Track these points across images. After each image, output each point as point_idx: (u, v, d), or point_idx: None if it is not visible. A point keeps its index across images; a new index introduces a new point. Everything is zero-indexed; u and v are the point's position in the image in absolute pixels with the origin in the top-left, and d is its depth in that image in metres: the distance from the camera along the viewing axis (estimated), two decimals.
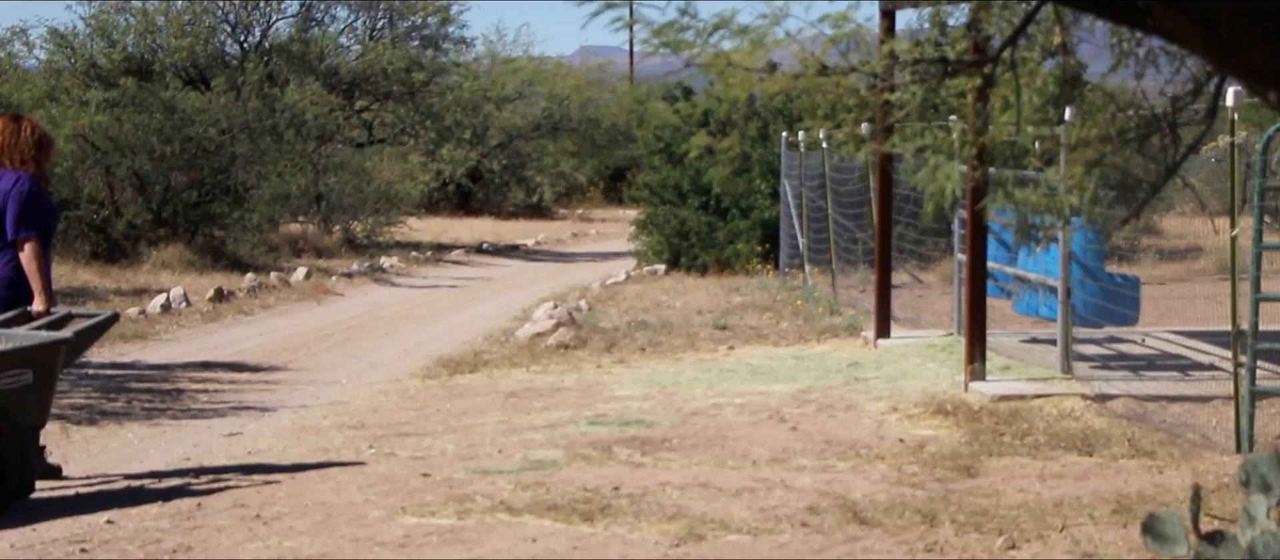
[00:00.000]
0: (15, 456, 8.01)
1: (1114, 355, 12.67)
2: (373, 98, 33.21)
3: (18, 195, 8.73)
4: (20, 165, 8.83)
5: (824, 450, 9.22)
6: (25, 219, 8.71)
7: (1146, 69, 6.17)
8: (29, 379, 8.07)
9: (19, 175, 8.79)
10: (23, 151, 8.83)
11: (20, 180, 8.78)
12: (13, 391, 8.00)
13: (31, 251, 8.71)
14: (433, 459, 9.27)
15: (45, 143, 8.97)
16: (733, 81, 5.74)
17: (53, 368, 8.26)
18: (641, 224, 25.46)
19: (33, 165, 8.84)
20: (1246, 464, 5.04)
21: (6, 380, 7.97)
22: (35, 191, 8.79)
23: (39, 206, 8.76)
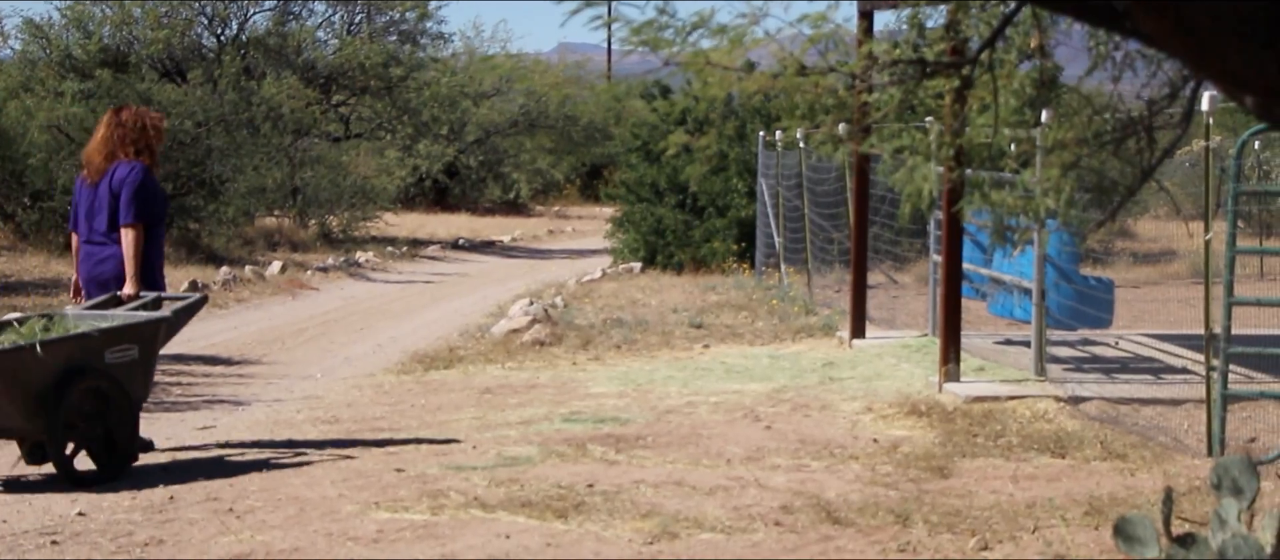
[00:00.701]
0: (125, 426, 8.61)
1: (1087, 358, 12.71)
2: (350, 92, 33.14)
3: (129, 184, 9.26)
4: (135, 156, 9.35)
5: (798, 449, 9.23)
6: (130, 208, 9.23)
7: (1123, 72, 6.20)
8: (135, 355, 8.68)
9: (133, 165, 9.32)
10: (136, 142, 9.37)
11: (134, 170, 9.31)
12: (122, 366, 8.60)
13: (132, 239, 9.23)
14: (406, 454, 9.26)
15: (151, 127, 9.46)
16: (711, 80, 5.74)
17: (155, 344, 8.89)
18: (618, 221, 25.46)
19: (147, 155, 9.40)
20: (1218, 467, 5.07)
21: (116, 355, 8.56)
22: (145, 181, 9.30)
23: (147, 196, 9.28)
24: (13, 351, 8.25)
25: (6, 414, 8.26)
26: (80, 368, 8.43)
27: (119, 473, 8.53)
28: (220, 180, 25.76)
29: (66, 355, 8.40)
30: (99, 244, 9.40)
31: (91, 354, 8.49)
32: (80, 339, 8.50)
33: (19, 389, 8.20)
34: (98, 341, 8.52)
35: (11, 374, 8.20)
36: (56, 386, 8.28)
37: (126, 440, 8.64)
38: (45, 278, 20.08)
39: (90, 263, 9.43)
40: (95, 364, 8.50)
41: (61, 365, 8.35)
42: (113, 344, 8.57)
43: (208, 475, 8.71)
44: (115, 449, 8.59)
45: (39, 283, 19.66)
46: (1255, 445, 9.13)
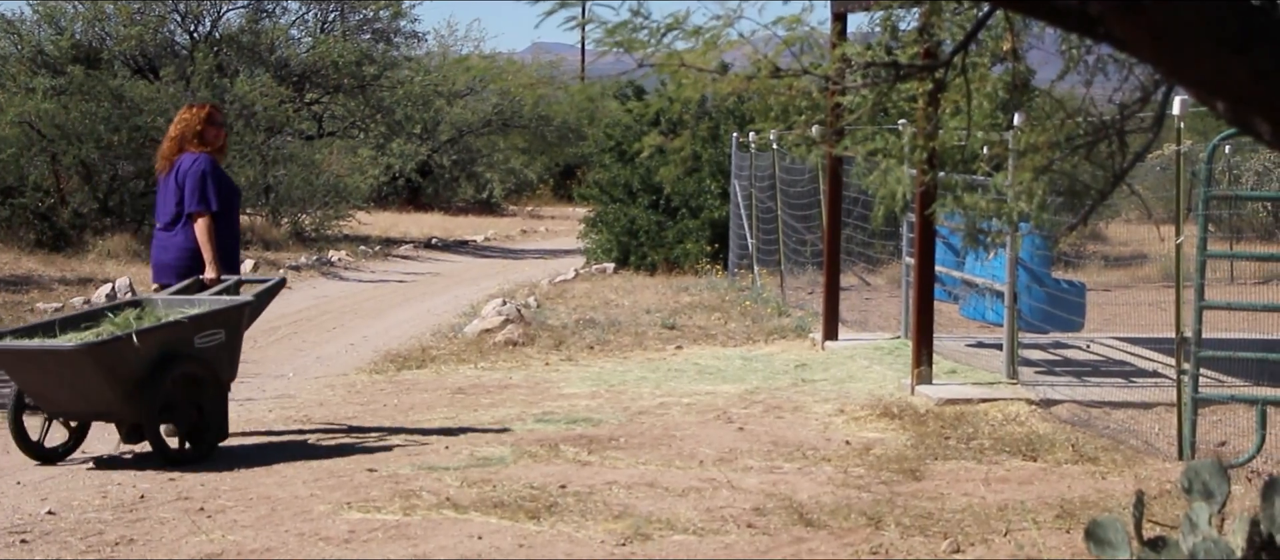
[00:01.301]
0: (215, 407, 9.07)
1: (1059, 361, 12.75)
2: (323, 90, 33.03)
3: (193, 174, 9.74)
4: (198, 147, 9.84)
5: (770, 451, 9.24)
6: (196, 196, 9.71)
7: (1095, 76, 6.21)
8: (222, 338, 9.15)
9: (197, 156, 9.81)
10: (201, 134, 9.88)
11: (197, 161, 9.79)
12: (211, 349, 9.06)
13: (204, 226, 9.72)
14: (379, 454, 9.23)
15: (213, 124, 9.95)
16: (685, 82, 5.74)
17: (240, 328, 9.36)
18: (591, 222, 25.45)
19: (208, 146, 9.87)
20: (1189, 471, 5.08)
21: (205, 339, 9.02)
22: (208, 170, 9.77)
23: (215, 184, 9.76)
24: (111, 343, 8.66)
25: (106, 400, 8.73)
26: (173, 354, 8.86)
27: (211, 451, 9.04)
28: None
29: (160, 343, 8.83)
30: (165, 232, 9.92)
31: (182, 340, 8.93)
32: (172, 327, 8.92)
33: (117, 377, 8.65)
34: (188, 328, 8.96)
35: (110, 363, 8.63)
36: (151, 373, 8.74)
37: (217, 420, 9.09)
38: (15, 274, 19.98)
39: (157, 250, 10.01)
40: (186, 350, 8.93)
41: (156, 353, 8.78)
42: (202, 329, 9.02)
43: (179, 474, 8.67)
44: (207, 429, 9.04)
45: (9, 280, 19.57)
46: (1226, 449, 9.16)
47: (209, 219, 9.73)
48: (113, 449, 9.36)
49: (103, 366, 8.62)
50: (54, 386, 8.80)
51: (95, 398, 8.76)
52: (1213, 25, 3.16)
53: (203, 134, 9.89)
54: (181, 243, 9.82)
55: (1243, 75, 3.22)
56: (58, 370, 8.70)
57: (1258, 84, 3.22)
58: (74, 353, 8.62)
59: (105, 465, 8.98)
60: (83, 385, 8.70)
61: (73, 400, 8.86)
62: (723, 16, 5.78)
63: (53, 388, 8.81)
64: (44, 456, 9.07)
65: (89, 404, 8.86)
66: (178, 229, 9.83)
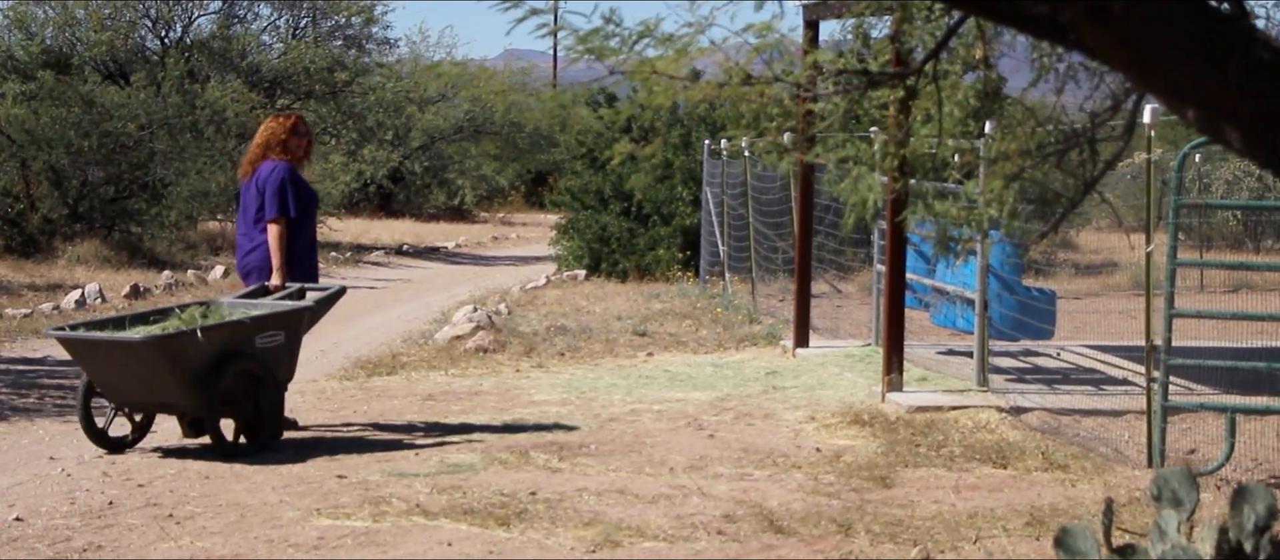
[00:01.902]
0: (273, 405, 9.47)
1: (1029, 368, 12.77)
2: (294, 96, 32.93)
3: (273, 181, 10.11)
4: (280, 156, 10.19)
5: (741, 458, 9.24)
6: (273, 203, 10.08)
7: (1066, 84, 6.23)
8: (282, 340, 9.54)
9: (276, 164, 10.15)
10: (284, 143, 10.24)
11: (276, 168, 10.14)
12: (271, 350, 9.46)
13: (276, 232, 10.07)
14: (348, 460, 9.20)
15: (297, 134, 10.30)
16: (657, 89, 5.74)
17: (299, 331, 9.73)
18: (562, 229, 25.42)
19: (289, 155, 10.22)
20: (1158, 478, 5.09)
21: (265, 339, 9.42)
22: (286, 179, 10.11)
23: (293, 192, 10.10)
24: (176, 336, 9.13)
25: (170, 391, 9.16)
26: (234, 351, 9.27)
27: (267, 446, 9.40)
28: (163, 184, 25.55)
29: (222, 339, 9.25)
30: (247, 236, 10.32)
31: (244, 339, 9.34)
32: (234, 325, 9.35)
33: (181, 369, 9.07)
34: (249, 328, 9.37)
35: (175, 356, 9.07)
36: (213, 367, 9.15)
37: (273, 416, 9.47)
38: None
39: (240, 253, 10.42)
40: (247, 348, 9.34)
41: (218, 349, 9.20)
42: (262, 330, 9.43)
43: (147, 481, 8.63)
44: (263, 424, 9.43)
45: None
46: (1195, 456, 9.19)
47: (282, 226, 10.08)
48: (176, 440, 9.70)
49: (168, 358, 9.05)
50: (122, 377, 9.24)
51: (159, 389, 9.20)
52: (1183, 34, 3.17)
53: (286, 143, 10.23)
54: (264, 246, 10.18)
55: (1213, 84, 3.22)
56: (126, 361, 9.13)
57: (1228, 92, 3.23)
58: (142, 344, 9.05)
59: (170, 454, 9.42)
60: (148, 376, 9.14)
61: (138, 391, 9.32)
62: (694, 24, 5.78)
63: (120, 378, 9.24)
64: (110, 445, 9.48)
65: (153, 395, 9.31)
66: (261, 234, 10.21)
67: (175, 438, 9.70)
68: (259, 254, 10.21)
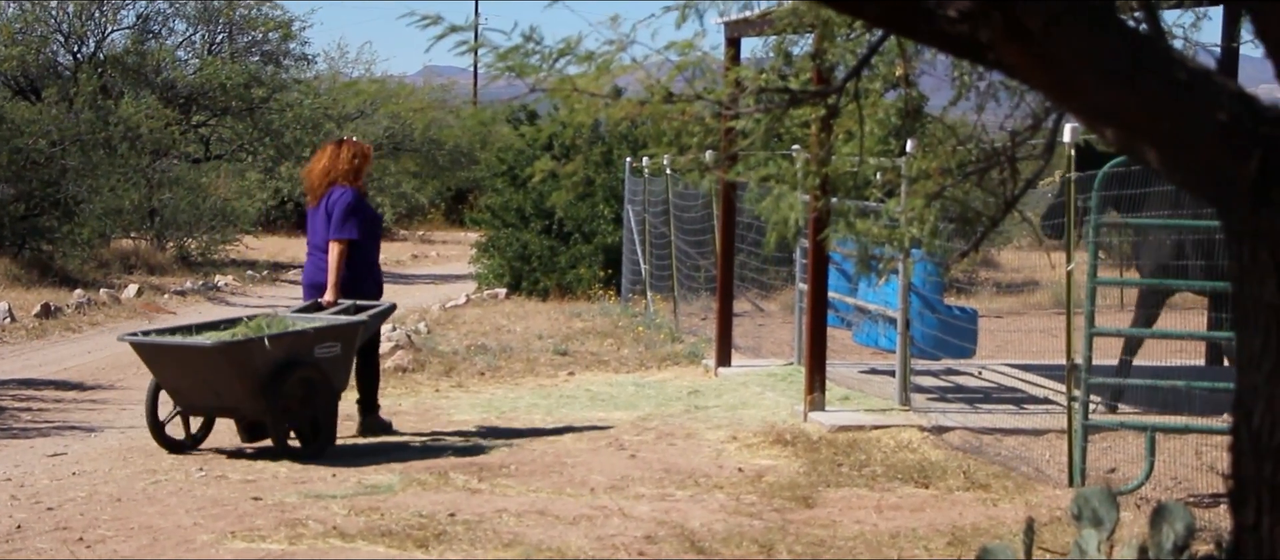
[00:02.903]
0: (328, 411, 9.96)
1: (951, 387, 12.81)
2: (211, 113, 32.65)
3: (340, 205, 10.71)
4: (346, 182, 10.80)
5: (662, 478, 9.18)
6: (340, 226, 10.69)
7: (987, 103, 6.24)
8: (339, 351, 10.04)
9: (345, 189, 10.78)
10: (346, 171, 10.84)
11: (345, 193, 10.76)
12: (328, 360, 9.94)
13: (337, 252, 10.68)
14: (264, 482, 9.07)
15: (363, 160, 10.93)
16: (578, 107, 5.69)
17: (353, 343, 10.21)
18: (483, 247, 25.31)
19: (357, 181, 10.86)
20: (1079, 498, 5.09)
21: (323, 350, 9.92)
22: (353, 203, 10.74)
23: (356, 216, 10.72)
24: (244, 343, 9.66)
25: (236, 395, 9.68)
26: (295, 360, 9.77)
27: (323, 450, 9.87)
28: (75, 201, 25.21)
29: (286, 348, 9.76)
30: (316, 255, 10.91)
31: (305, 348, 9.85)
32: (297, 336, 9.85)
33: (246, 375, 9.57)
34: (310, 338, 9.88)
35: (243, 362, 9.59)
36: (276, 374, 9.64)
37: (329, 423, 9.97)
38: None
39: (308, 271, 11.00)
40: (307, 357, 9.84)
41: (281, 357, 9.71)
42: (321, 341, 9.94)
43: (57, 504, 8.46)
44: (320, 429, 9.90)
45: None
46: (1115, 475, 9.23)
47: (343, 248, 10.66)
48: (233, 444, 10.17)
49: (235, 364, 9.58)
50: (189, 381, 9.79)
51: (225, 393, 9.72)
52: (1101, 54, 3.15)
53: (357, 171, 10.86)
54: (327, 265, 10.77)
55: (1131, 103, 3.21)
56: (195, 366, 9.68)
57: (1145, 112, 3.22)
58: (212, 350, 9.62)
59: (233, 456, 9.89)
60: (216, 381, 9.67)
61: (204, 395, 9.83)
62: (615, 41, 5.73)
63: (188, 382, 9.80)
64: (172, 446, 10.03)
65: (219, 399, 9.82)
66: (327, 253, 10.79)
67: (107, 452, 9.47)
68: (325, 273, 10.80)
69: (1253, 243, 3.21)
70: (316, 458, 9.75)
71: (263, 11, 34.32)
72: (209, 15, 33.62)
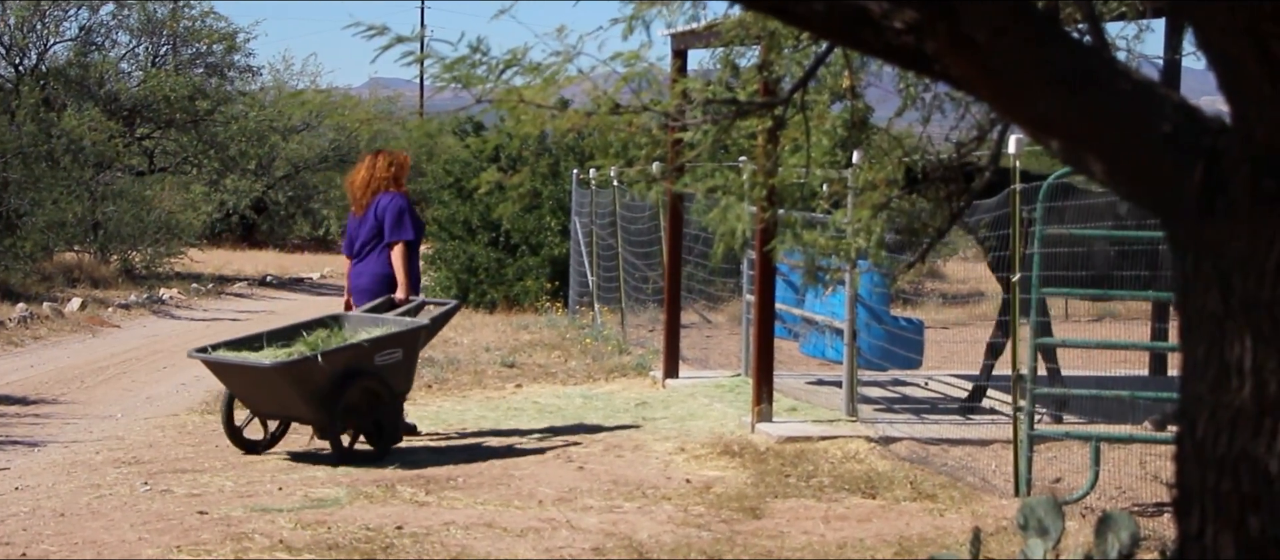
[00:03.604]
0: (391, 415, 10.32)
1: (898, 398, 12.85)
2: (155, 125, 32.43)
3: (392, 209, 11.20)
4: (390, 188, 11.27)
5: (610, 490, 9.17)
6: (397, 227, 11.18)
7: (933, 114, 6.26)
8: (400, 356, 10.40)
9: (393, 195, 11.26)
10: (386, 178, 11.29)
11: (396, 198, 11.25)
12: (389, 366, 10.32)
13: (401, 253, 11.18)
14: (210, 496, 9.00)
15: (400, 168, 11.40)
16: (524, 118, 5.68)
17: (416, 347, 10.66)
18: (430, 259, 25.24)
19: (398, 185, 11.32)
20: (1024, 507, 5.11)
21: (384, 357, 10.29)
22: (406, 207, 11.28)
23: (411, 218, 11.23)
24: (299, 362, 10.01)
25: (297, 407, 10.14)
26: (355, 370, 10.12)
27: (386, 452, 10.26)
28: (17, 214, 24.98)
29: (344, 361, 10.12)
30: (362, 261, 11.35)
31: (364, 359, 10.20)
32: (354, 349, 10.23)
33: (305, 388, 9.96)
34: (369, 349, 10.25)
35: (300, 378, 9.94)
36: (335, 385, 10.01)
37: (392, 425, 10.34)
38: None
39: (354, 276, 11.41)
40: (367, 366, 10.20)
41: (340, 369, 10.06)
42: (381, 349, 10.29)
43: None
44: (382, 432, 10.28)
45: None
46: (1060, 485, 9.28)
47: (405, 247, 11.18)
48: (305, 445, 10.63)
49: (292, 380, 9.96)
50: (256, 392, 10.29)
51: (287, 404, 10.20)
52: (1045, 65, 3.17)
53: (398, 178, 11.32)
54: (374, 269, 11.26)
55: (1075, 114, 3.23)
56: (257, 380, 10.13)
57: (1089, 123, 3.24)
58: (269, 369, 9.98)
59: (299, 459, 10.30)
60: (277, 393, 10.12)
61: (270, 404, 10.36)
62: (562, 53, 5.73)
63: (255, 393, 10.31)
64: (248, 447, 10.53)
65: (282, 408, 10.34)
66: (371, 258, 11.29)
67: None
68: (368, 278, 11.26)
69: (1196, 253, 3.23)
70: (381, 459, 10.14)
71: (207, 23, 34.11)
72: (152, 27, 33.39)
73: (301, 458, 10.41)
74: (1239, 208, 3.14)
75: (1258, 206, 3.12)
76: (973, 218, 10.29)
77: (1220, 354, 3.19)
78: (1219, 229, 3.17)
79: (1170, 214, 3.28)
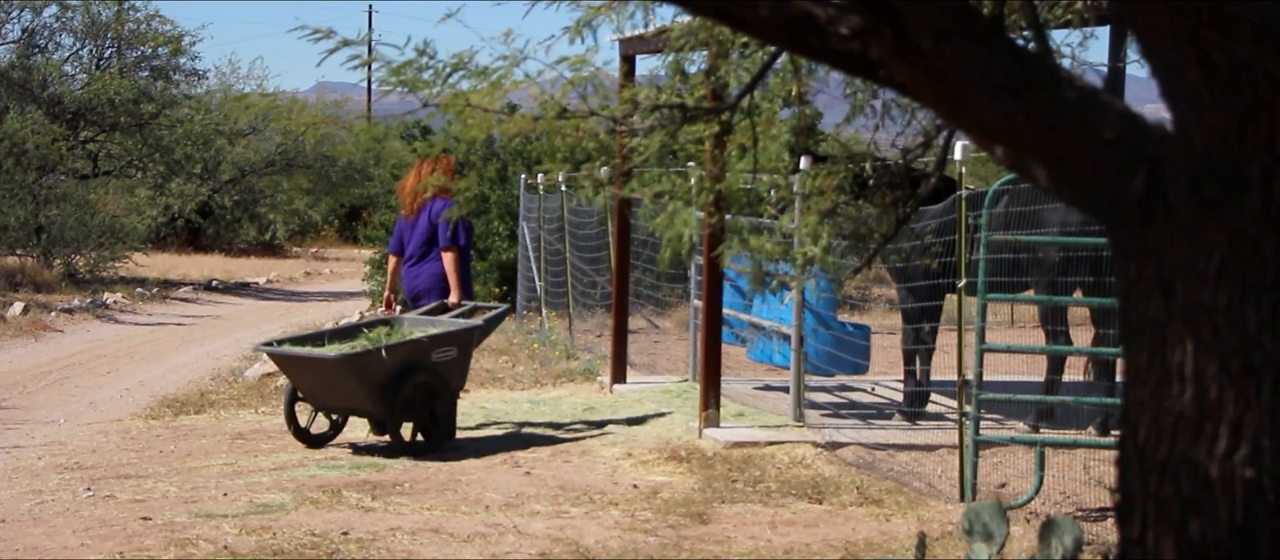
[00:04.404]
0: (446, 410, 10.86)
1: (845, 404, 12.89)
2: (99, 128, 32.17)
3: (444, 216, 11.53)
4: (443, 194, 11.45)
5: (557, 495, 9.16)
6: (450, 234, 11.62)
7: (880, 121, 6.29)
8: (455, 354, 10.91)
9: (446, 201, 11.41)
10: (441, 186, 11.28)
11: (446, 205, 11.36)
12: (445, 363, 10.84)
13: (452, 258, 11.64)
14: (154, 502, 8.94)
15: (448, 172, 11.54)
16: (471, 122, 5.67)
17: (470, 347, 11.15)
18: (377, 264, 25.14)
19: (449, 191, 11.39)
20: (970, 512, 5.14)
21: (440, 354, 10.78)
22: None
23: (463, 225, 11.64)
24: (364, 354, 10.52)
25: (358, 399, 10.62)
26: (413, 365, 10.62)
27: (441, 445, 10.76)
28: None
29: (403, 356, 10.60)
30: (416, 264, 11.80)
31: (422, 355, 10.70)
32: (413, 344, 10.72)
33: (367, 381, 10.45)
34: (427, 345, 10.76)
35: (363, 370, 10.44)
36: (396, 379, 10.50)
37: (447, 421, 10.86)
38: None
39: (410, 279, 11.85)
40: (424, 362, 10.70)
41: (399, 364, 10.54)
42: (438, 346, 10.78)
43: None
44: (438, 426, 10.80)
45: None
46: (1005, 490, 9.33)
47: (456, 253, 11.65)
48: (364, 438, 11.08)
49: (356, 372, 10.42)
50: (318, 385, 10.72)
51: (349, 397, 10.65)
52: (990, 71, 3.18)
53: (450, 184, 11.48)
54: (432, 271, 11.72)
55: (1020, 120, 3.24)
56: (322, 373, 10.57)
57: (1034, 129, 3.26)
58: (335, 360, 10.46)
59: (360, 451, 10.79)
60: (340, 386, 10.57)
61: (332, 397, 10.80)
62: (509, 57, 5.72)
63: (317, 386, 10.74)
64: (309, 441, 10.96)
65: (344, 401, 10.79)
66: (428, 260, 11.75)
67: None
68: (426, 278, 11.73)
69: (1139, 259, 3.26)
70: (435, 452, 10.63)
71: (152, 26, 33.89)
72: (97, 30, 33.14)
73: (245, 466, 10.35)
74: (1180, 214, 3.16)
75: (1199, 213, 3.14)
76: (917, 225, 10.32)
77: (1162, 359, 3.21)
78: (1161, 235, 3.20)
79: (1113, 221, 3.30)
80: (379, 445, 10.86)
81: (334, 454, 10.71)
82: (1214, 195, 3.13)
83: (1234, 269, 3.15)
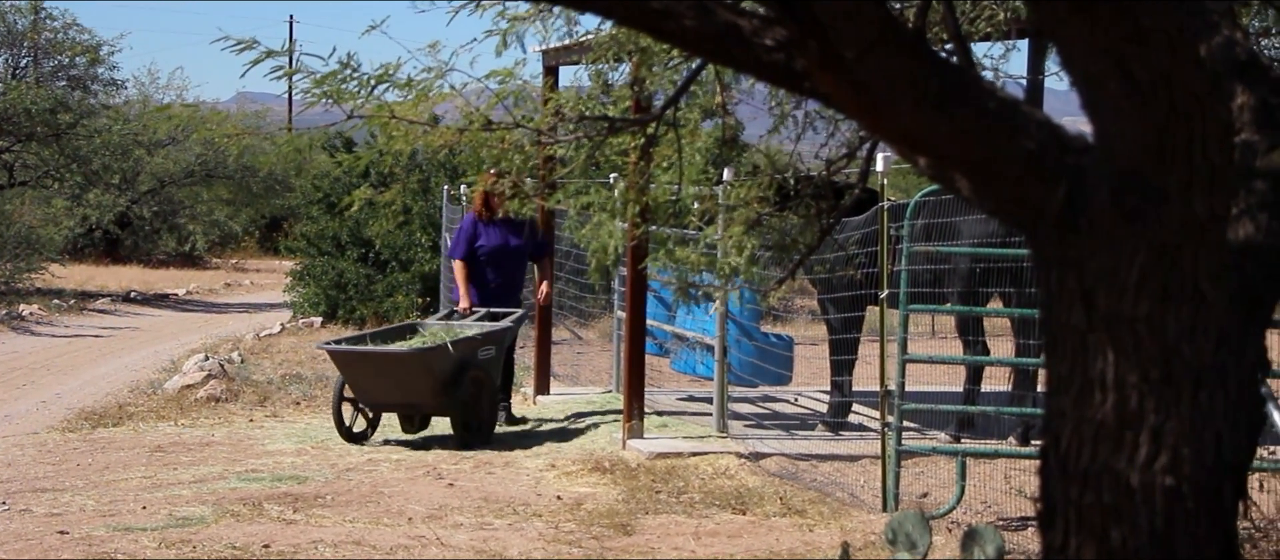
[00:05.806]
0: (490, 405, 11.61)
1: (768, 414, 12.92)
2: (15, 139, 31.74)
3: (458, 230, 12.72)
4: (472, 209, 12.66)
5: (481, 507, 9.13)
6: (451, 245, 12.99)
7: (804, 132, 6.32)
8: (494, 353, 11.71)
9: (468, 215, 12.68)
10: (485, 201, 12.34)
11: (464, 218, 12.74)
12: (489, 361, 11.61)
13: (459, 268, 12.54)
14: (71, 516, 8.83)
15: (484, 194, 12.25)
16: (396, 134, 5.65)
17: (504, 346, 11.98)
18: (298, 275, 24.96)
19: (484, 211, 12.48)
20: (892, 522, 5.17)
21: (485, 352, 11.57)
22: (463, 227, 12.67)
23: (463, 237, 12.55)
24: (435, 349, 11.22)
25: (422, 392, 11.25)
26: (468, 362, 11.32)
27: (487, 438, 11.49)
28: None
29: (464, 351, 11.28)
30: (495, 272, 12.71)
31: (474, 351, 11.41)
32: (470, 341, 11.44)
33: (435, 376, 11.13)
34: (478, 343, 11.48)
35: (432, 365, 11.11)
36: (456, 374, 11.20)
37: (490, 416, 11.65)
38: None
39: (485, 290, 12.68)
40: (474, 359, 11.40)
41: (459, 359, 11.21)
42: (485, 344, 11.57)
43: None
44: (484, 422, 11.53)
45: None
46: (927, 500, 9.38)
47: (463, 265, 12.45)
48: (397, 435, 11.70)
49: (427, 367, 11.10)
50: (379, 383, 11.26)
51: (414, 392, 11.25)
52: (913, 82, 3.20)
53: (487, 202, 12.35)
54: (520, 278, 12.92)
55: (943, 131, 3.26)
56: (389, 369, 11.16)
57: (956, 140, 3.28)
58: (410, 355, 11.21)
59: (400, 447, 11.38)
60: (408, 381, 11.16)
61: (392, 393, 11.35)
62: (434, 69, 5.72)
63: (378, 384, 11.27)
64: (352, 438, 11.53)
65: (405, 397, 11.38)
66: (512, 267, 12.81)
67: None
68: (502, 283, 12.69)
69: (1060, 270, 3.28)
70: (484, 444, 11.31)
71: (70, 36, 33.52)
72: (13, 39, 32.76)
73: (164, 479, 10.25)
74: (1101, 225, 3.19)
75: (1119, 223, 3.17)
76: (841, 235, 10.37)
77: (1084, 369, 3.24)
78: (1082, 245, 3.23)
79: (1034, 231, 3.33)
80: (407, 439, 11.66)
81: (254, 467, 10.62)
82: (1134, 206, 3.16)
83: (1154, 279, 3.18)
